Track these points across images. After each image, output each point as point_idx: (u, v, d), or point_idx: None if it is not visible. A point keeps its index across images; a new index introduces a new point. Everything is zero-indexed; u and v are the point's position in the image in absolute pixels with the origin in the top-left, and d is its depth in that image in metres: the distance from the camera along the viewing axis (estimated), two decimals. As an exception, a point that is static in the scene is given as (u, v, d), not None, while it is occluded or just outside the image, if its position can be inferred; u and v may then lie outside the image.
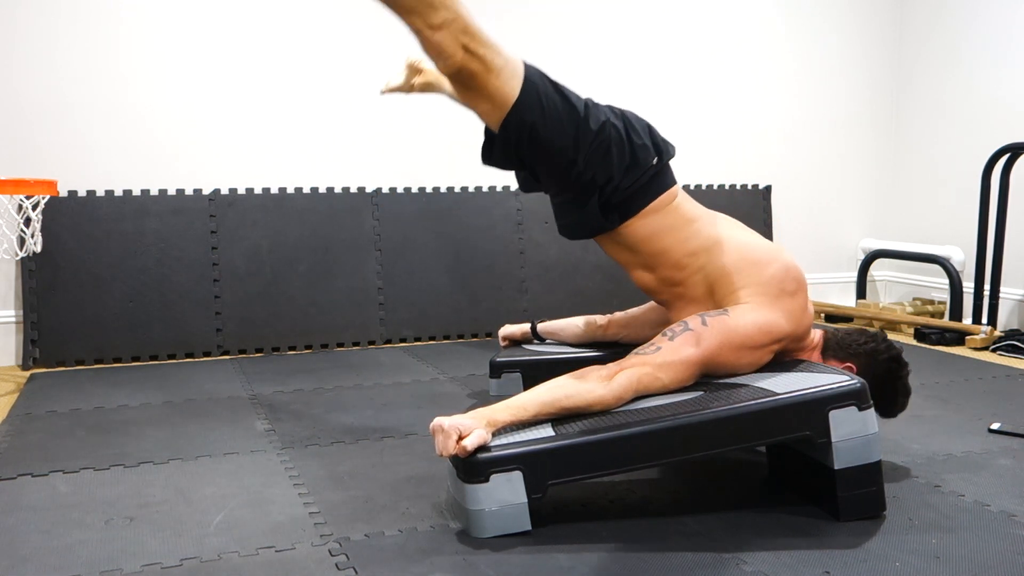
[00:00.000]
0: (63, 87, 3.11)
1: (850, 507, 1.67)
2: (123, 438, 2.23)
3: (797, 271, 1.90)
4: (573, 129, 1.82)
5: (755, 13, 4.12)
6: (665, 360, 1.76)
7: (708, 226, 1.94)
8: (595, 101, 1.93)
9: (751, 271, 1.87)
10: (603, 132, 1.84)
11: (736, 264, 1.88)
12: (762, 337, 1.82)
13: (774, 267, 1.88)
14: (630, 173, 1.87)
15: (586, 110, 1.85)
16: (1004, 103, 3.85)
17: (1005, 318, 3.82)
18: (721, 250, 1.90)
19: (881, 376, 1.90)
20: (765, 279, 1.86)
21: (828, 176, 4.35)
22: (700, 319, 1.81)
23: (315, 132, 3.47)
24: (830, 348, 1.96)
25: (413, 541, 1.60)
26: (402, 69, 2.36)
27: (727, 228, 1.96)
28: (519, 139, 1.82)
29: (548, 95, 1.81)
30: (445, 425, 1.63)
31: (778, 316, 1.84)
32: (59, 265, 3.07)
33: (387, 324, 3.48)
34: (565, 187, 1.92)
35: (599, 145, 1.83)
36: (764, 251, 1.92)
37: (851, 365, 1.91)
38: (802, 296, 1.90)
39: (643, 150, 1.89)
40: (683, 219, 1.93)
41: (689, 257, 1.91)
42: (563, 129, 1.82)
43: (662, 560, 1.52)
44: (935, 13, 4.18)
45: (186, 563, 1.51)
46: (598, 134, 1.83)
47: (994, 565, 1.51)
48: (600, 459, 1.62)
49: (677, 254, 1.92)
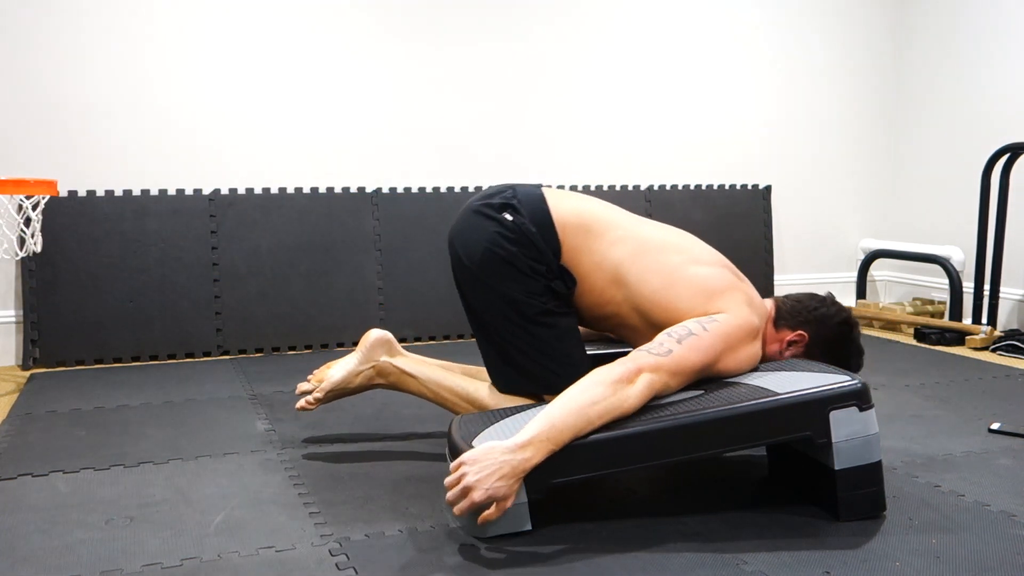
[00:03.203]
0: (63, 87, 3.11)
1: (850, 507, 1.67)
2: (123, 438, 2.23)
3: (710, 266, 1.87)
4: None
5: (755, 13, 4.12)
6: (678, 367, 1.72)
7: (611, 248, 1.91)
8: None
9: (678, 297, 1.84)
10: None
11: (659, 294, 1.85)
12: (749, 334, 1.82)
13: (699, 278, 1.85)
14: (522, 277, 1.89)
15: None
16: (1004, 103, 3.85)
17: (1005, 318, 3.82)
18: (634, 280, 1.88)
19: (832, 339, 1.92)
20: (695, 297, 1.83)
21: (828, 176, 4.35)
22: (700, 325, 1.78)
23: (315, 132, 3.47)
24: (782, 318, 1.95)
25: (413, 541, 1.60)
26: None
27: (621, 248, 1.91)
28: None
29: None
30: (477, 495, 1.51)
31: (744, 312, 1.82)
32: (59, 265, 3.07)
33: (387, 324, 3.48)
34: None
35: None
36: (672, 271, 1.87)
37: (802, 332, 1.91)
38: (741, 285, 1.87)
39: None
40: (580, 245, 1.91)
41: (604, 289, 1.91)
42: None
43: (662, 560, 1.52)
44: (935, 13, 4.18)
45: (186, 563, 1.51)
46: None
47: (994, 565, 1.51)
48: (601, 459, 1.62)
49: (594, 289, 1.92)
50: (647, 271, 1.88)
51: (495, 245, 1.89)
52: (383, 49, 3.53)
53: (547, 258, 1.90)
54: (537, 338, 1.89)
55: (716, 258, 1.93)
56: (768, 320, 1.96)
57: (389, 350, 2.08)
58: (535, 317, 1.89)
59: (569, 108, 3.84)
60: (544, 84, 3.78)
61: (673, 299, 1.84)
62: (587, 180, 3.88)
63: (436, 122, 3.63)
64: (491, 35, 3.67)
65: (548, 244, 1.90)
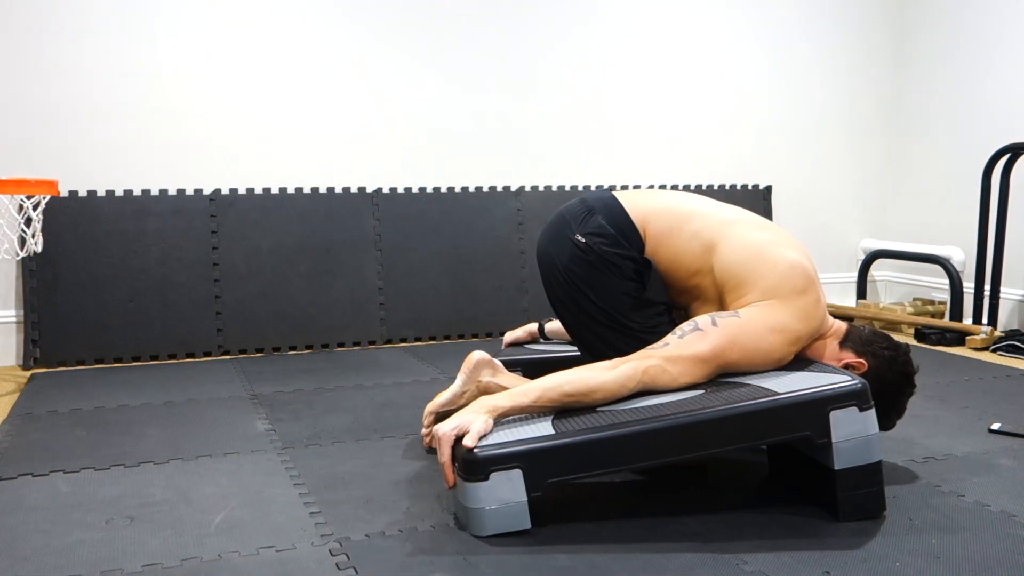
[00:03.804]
0: (63, 87, 3.11)
1: (850, 507, 1.67)
2: (123, 438, 2.23)
3: (804, 267, 1.86)
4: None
5: (755, 12, 4.11)
6: (673, 354, 1.76)
7: (711, 229, 1.93)
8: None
9: (756, 275, 1.84)
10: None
11: (740, 267, 1.86)
12: (774, 337, 1.79)
13: (781, 266, 1.84)
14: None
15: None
16: (1004, 103, 3.85)
17: (1005, 318, 3.82)
18: (726, 250, 1.89)
19: (887, 382, 1.86)
20: (770, 281, 1.83)
21: (828, 176, 4.35)
22: (710, 319, 1.80)
23: (315, 132, 3.47)
24: (850, 340, 1.91)
25: (413, 541, 1.60)
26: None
27: (730, 225, 1.94)
28: None
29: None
30: (441, 432, 1.66)
31: (788, 316, 1.81)
32: (60, 265, 3.07)
33: (387, 324, 3.48)
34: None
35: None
36: (770, 250, 1.88)
37: (863, 361, 1.86)
38: (813, 292, 1.85)
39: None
40: (677, 225, 1.94)
41: (696, 260, 1.91)
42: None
43: (662, 560, 1.52)
44: (935, 13, 4.18)
45: (186, 563, 1.51)
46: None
47: (994, 565, 1.51)
48: (600, 457, 1.62)
49: (685, 262, 1.92)
50: (735, 241, 1.89)
51: (585, 252, 1.93)
52: (383, 49, 3.53)
53: (632, 253, 1.93)
54: (633, 323, 1.92)
55: (799, 245, 1.93)
56: (833, 336, 1.93)
57: (492, 371, 2.13)
58: (631, 309, 1.92)
59: (569, 108, 3.84)
60: (543, 85, 3.78)
61: (750, 273, 1.85)
62: (587, 180, 3.88)
63: (436, 122, 3.63)
64: (491, 35, 3.67)
65: (630, 240, 1.93)
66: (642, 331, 1.90)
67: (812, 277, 1.87)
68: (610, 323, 1.92)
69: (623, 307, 1.92)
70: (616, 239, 1.93)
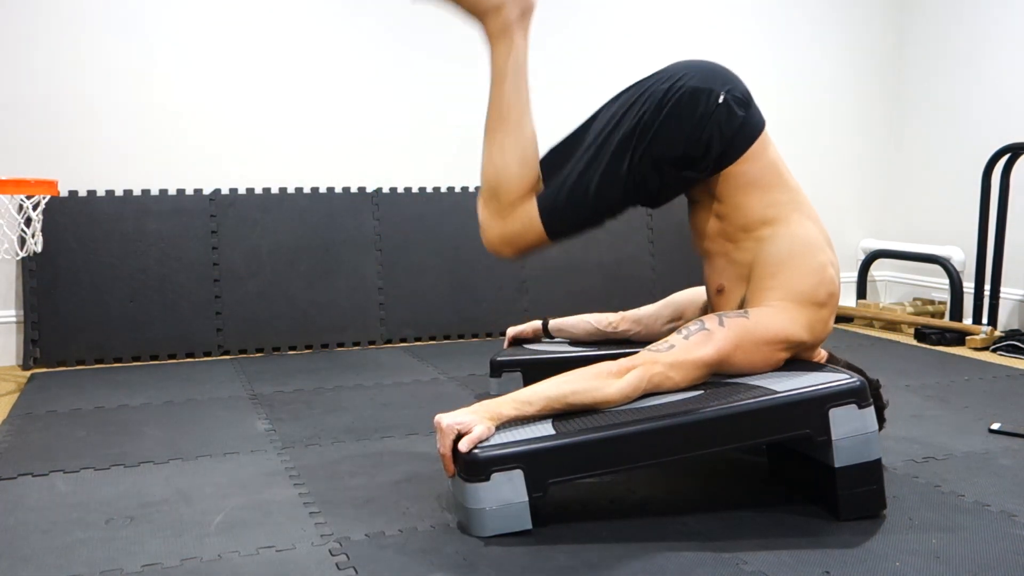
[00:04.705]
0: (63, 87, 3.11)
1: (850, 505, 1.67)
2: (123, 438, 2.23)
3: (833, 284, 1.84)
4: (615, 191, 1.85)
5: (755, 13, 4.12)
6: (677, 359, 1.75)
7: (786, 205, 1.86)
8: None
9: (790, 272, 1.82)
10: (632, 166, 1.83)
11: (781, 258, 1.83)
12: (778, 342, 1.80)
13: (813, 278, 1.82)
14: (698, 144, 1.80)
15: (599, 167, 1.85)
16: (1004, 103, 3.85)
17: (1005, 318, 3.82)
18: (781, 235, 1.84)
19: None
20: (799, 286, 1.81)
21: (828, 176, 4.35)
22: (717, 319, 1.79)
23: (315, 132, 3.47)
24: (832, 362, 1.95)
25: (413, 541, 1.60)
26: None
27: (796, 215, 1.87)
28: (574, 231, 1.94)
29: (564, 207, 1.89)
30: (444, 424, 1.64)
31: (797, 326, 1.80)
32: (59, 265, 3.07)
33: (387, 324, 3.48)
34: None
35: (634, 176, 1.84)
36: (811, 255, 1.84)
37: None
38: (829, 309, 1.85)
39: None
40: (772, 181, 1.86)
41: (757, 224, 1.85)
42: (606, 195, 1.86)
43: (662, 560, 1.52)
44: (935, 13, 4.18)
45: (186, 563, 1.51)
46: (630, 172, 1.83)
47: (994, 565, 1.51)
48: (601, 458, 1.62)
49: (749, 216, 1.85)
50: (791, 228, 1.84)
51: (707, 106, 1.79)
52: (383, 49, 3.53)
53: (715, 150, 1.81)
54: (604, 167, 1.85)
55: (830, 241, 1.91)
56: (817, 360, 1.94)
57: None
58: (637, 162, 1.83)
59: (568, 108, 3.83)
60: (543, 84, 3.78)
61: (788, 268, 1.82)
62: (587, 180, 3.88)
63: (437, 122, 3.63)
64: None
65: (742, 140, 1.83)
66: (612, 185, 1.83)
67: (835, 292, 1.86)
68: (614, 154, 1.83)
69: (646, 161, 1.82)
70: (742, 125, 1.82)
